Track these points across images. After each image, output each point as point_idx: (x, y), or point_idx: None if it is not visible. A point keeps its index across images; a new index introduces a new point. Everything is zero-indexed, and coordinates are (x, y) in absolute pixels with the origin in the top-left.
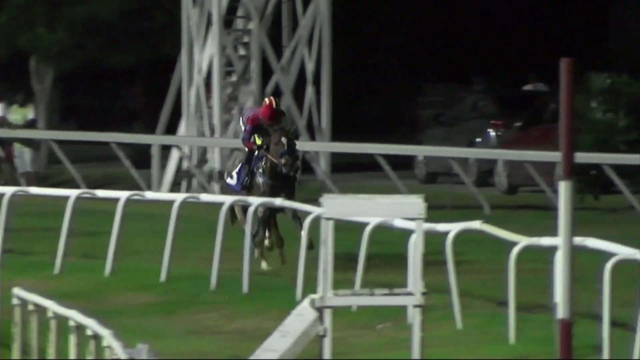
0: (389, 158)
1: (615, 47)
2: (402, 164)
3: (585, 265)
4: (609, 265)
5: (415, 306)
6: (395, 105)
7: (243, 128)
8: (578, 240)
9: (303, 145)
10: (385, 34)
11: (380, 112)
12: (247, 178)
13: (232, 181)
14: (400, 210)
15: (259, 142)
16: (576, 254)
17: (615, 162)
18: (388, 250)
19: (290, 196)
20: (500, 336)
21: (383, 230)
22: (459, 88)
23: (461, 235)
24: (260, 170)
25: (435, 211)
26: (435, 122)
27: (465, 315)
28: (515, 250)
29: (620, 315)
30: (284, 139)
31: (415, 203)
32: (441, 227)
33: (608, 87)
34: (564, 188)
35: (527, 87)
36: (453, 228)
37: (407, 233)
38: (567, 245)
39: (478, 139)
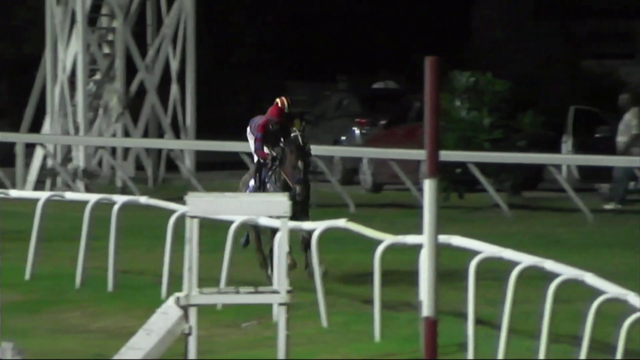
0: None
1: (478, 45)
2: None
3: (450, 264)
4: (473, 263)
5: (281, 304)
6: (260, 103)
7: (252, 138)
8: (443, 238)
9: (167, 143)
10: (249, 32)
11: (244, 111)
12: (260, 189)
13: None
14: (265, 208)
15: (272, 152)
16: (441, 252)
17: (479, 160)
18: (253, 249)
19: (302, 213)
20: (365, 334)
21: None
22: (323, 86)
23: (326, 234)
24: (273, 179)
25: None
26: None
27: (331, 314)
28: (380, 249)
29: (484, 313)
30: (300, 164)
31: (280, 201)
32: (306, 225)
33: (472, 85)
34: (428, 186)
35: (378, 85)
36: (318, 226)
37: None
38: (432, 243)
39: (343, 137)
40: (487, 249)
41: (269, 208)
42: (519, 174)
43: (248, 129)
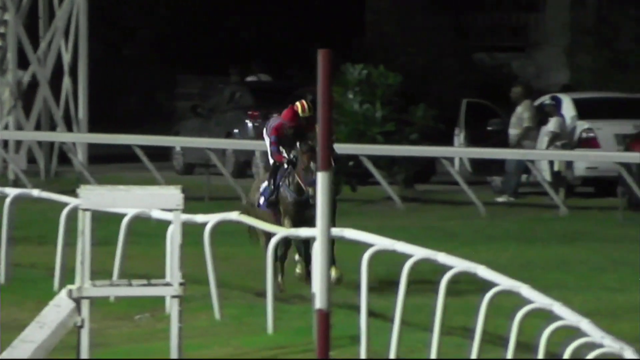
0: (147, 149)
1: (370, 38)
2: (160, 155)
3: (343, 256)
4: (366, 256)
5: (173, 297)
6: (152, 96)
7: (268, 140)
8: (336, 231)
9: (60, 136)
10: (141, 25)
11: (137, 103)
12: (274, 194)
13: (261, 200)
14: (158, 201)
15: (289, 155)
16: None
17: (372, 153)
18: (147, 241)
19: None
20: (258, 327)
21: (141, 221)
22: (215, 79)
23: (219, 226)
24: (287, 182)
25: (193, 202)
26: (192, 113)
27: (224, 306)
28: (273, 241)
29: (377, 306)
30: (313, 165)
31: (173, 194)
32: (199, 218)
33: (364, 78)
34: (321, 179)
35: (251, 78)
36: (211, 219)
37: (166, 224)
38: (325, 236)
39: (235, 130)
40: (380, 242)
41: (161, 200)
42: (411, 167)
43: (264, 130)
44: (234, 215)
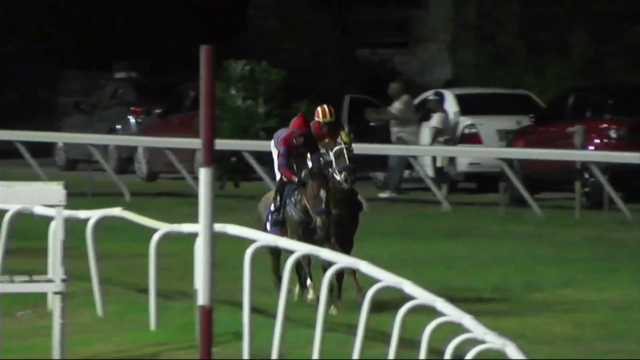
0: (29, 145)
1: (253, 34)
2: (42, 151)
3: (226, 252)
4: (249, 252)
5: (55, 293)
6: (34, 92)
7: (275, 152)
8: (218, 226)
9: None
10: (23, 21)
11: (19, 99)
12: (280, 212)
13: (268, 224)
14: (40, 197)
15: (300, 173)
16: (217, 240)
17: (254, 149)
18: (29, 238)
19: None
20: (140, 323)
21: (24, 217)
22: (98, 75)
23: (102, 222)
24: (293, 201)
25: (76, 198)
26: (75, 109)
27: (107, 302)
28: (156, 237)
29: (260, 302)
30: (322, 193)
31: (56, 190)
32: (82, 214)
33: (247, 74)
34: (204, 175)
35: (119, 75)
36: (93, 215)
37: (48, 220)
38: (208, 232)
39: (118, 126)
40: (263, 238)
41: (44, 196)
42: None
43: (272, 142)
44: (116, 211)
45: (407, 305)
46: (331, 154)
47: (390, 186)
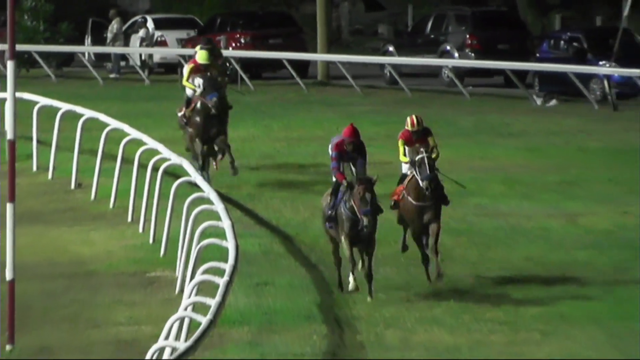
0: None
1: None
2: None
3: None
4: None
5: None
6: None
7: (331, 154)
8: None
9: None
10: None
11: None
12: (332, 210)
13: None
14: None
15: (349, 178)
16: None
17: (38, 50)
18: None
19: (369, 243)
20: None
21: None
22: None
23: None
24: (344, 202)
25: None
26: None
27: None
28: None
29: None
30: (368, 195)
31: None
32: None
33: (33, 6)
34: (9, 67)
35: None
36: None
37: None
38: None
39: None
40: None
41: None
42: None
43: (329, 146)
44: None
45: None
46: (415, 166)
47: (114, 71)
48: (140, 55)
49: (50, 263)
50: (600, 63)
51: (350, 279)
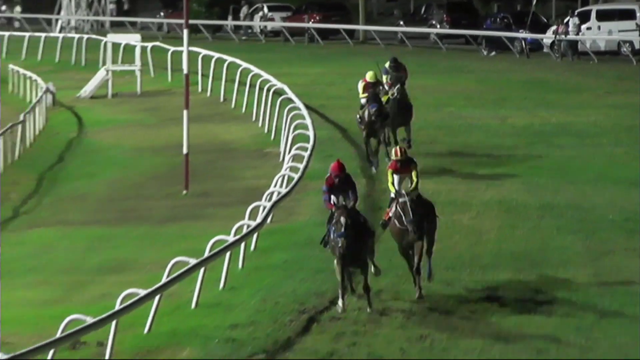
0: None
1: None
2: None
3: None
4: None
5: None
6: None
7: (323, 189)
8: None
9: None
10: None
11: None
12: (326, 235)
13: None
14: None
15: (335, 204)
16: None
17: None
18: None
19: (356, 257)
20: None
21: None
22: None
23: None
24: (333, 229)
25: None
26: None
27: None
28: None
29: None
30: (343, 219)
31: None
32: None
33: None
34: None
35: None
36: None
37: None
38: None
39: None
40: None
41: None
42: None
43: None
44: None
45: None
46: (398, 206)
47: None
48: (259, 27)
49: (208, 144)
50: (520, 31)
51: (340, 302)
